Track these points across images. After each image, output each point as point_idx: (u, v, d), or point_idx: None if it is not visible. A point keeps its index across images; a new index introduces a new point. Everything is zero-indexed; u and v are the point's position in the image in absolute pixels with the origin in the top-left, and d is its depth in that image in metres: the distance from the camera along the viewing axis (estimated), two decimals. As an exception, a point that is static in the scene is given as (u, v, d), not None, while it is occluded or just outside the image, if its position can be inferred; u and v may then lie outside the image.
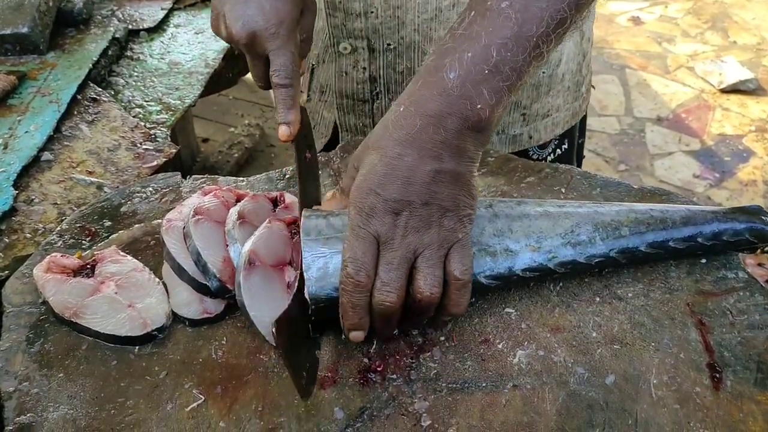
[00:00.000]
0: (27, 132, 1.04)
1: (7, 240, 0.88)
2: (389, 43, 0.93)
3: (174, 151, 1.07)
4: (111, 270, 0.73)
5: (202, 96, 1.25)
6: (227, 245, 0.71)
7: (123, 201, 0.87)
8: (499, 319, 0.70)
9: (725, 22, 3.63)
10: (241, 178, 0.89)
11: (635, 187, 0.84)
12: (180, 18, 1.45)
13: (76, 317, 0.68)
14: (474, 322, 0.70)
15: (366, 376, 0.65)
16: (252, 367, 0.66)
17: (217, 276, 0.69)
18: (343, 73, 0.97)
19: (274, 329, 0.60)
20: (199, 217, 0.72)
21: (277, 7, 0.75)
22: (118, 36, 1.31)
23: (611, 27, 3.62)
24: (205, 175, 0.90)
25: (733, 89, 3.08)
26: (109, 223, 0.83)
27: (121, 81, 1.25)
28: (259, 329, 0.66)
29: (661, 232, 0.73)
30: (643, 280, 0.74)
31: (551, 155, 1.07)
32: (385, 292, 0.61)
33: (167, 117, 1.15)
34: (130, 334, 0.68)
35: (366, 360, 0.67)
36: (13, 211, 0.92)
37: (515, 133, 1.02)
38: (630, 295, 0.72)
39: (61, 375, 0.66)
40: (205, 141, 2.72)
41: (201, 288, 0.70)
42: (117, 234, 0.81)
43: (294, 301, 0.64)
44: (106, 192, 0.96)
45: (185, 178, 0.90)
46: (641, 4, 3.83)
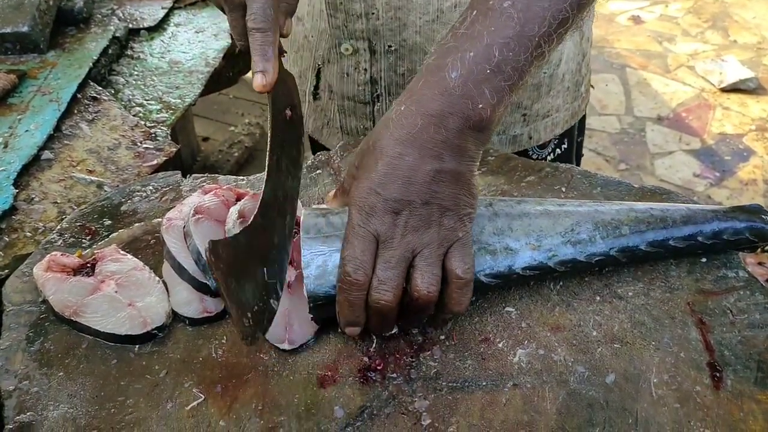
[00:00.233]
0: (27, 131, 1.04)
1: (7, 239, 0.88)
2: (390, 45, 0.92)
3: (174, 150, 1.07)
4: (111, 269, 0.73)
5: (202, 95, 1.25)
6: (227, 244, 0.71)
7: (123, 200, 0.87)
8: (500, 318, 0.70)
9: (725, 21, 3.63)
10: (242, 177, 0.89)
11: (636, 186, 0.84)
12: (180, 17, 1.45)
13: (76, 316, 0.68)
14: (474, 321, 0.70)
15: (366, 375, 0.65)
16: (252, 366, 0.66)
17: (218, 275, 0.69)
18: (345, 75, 0.97)
19: (209, 249, 0.53)
20: (200, 216, 0.72)
21: None
22: (118, 35, 1.31)
23: (611, 26, 3.62)
24: (206, 174, 0.90)
25: (734, 88, 3.07)
26: (109, 221, 0.83)
27: (122, 80, 1.25)
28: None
29: (661, 231, 0.73)
30: (644, 279, 0.74)
31: (551, 155, 1.07)
32: (381, 290, 0.61)
33: (167, 116, 1.15)
34: (130, 333, 0.68)
35: (366, 359, 0.67)
36: (13, 209, 0.92)
37: (515, 134, 1.02)
38: (630, 294, 0.72)
39: (61, 374, 0.66)
40: (206, 140, 2.72)
41: (201, 287, 0.70)
42: (117, 233, 0.81)
43: (243, 232, 0.60)
44: (106, 191, 0.96)
45: (185, 177, 0.90)
46: (641, 3, 3.83)
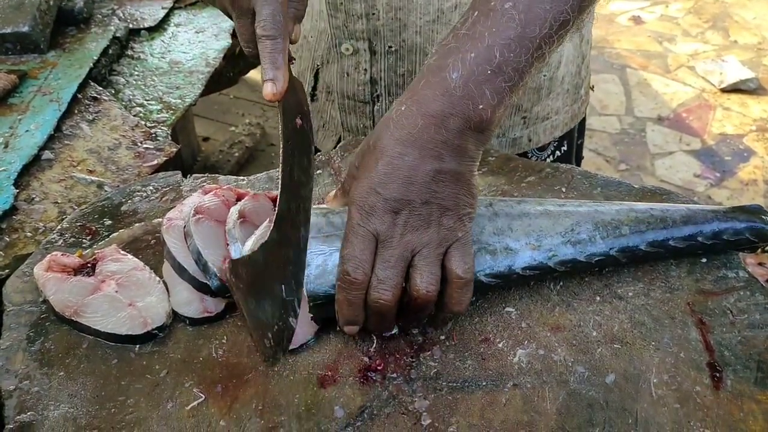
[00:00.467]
0: (27, 131, 1.04)
1: (7, 239, 0.88)
2: (391, 46, 0.92)
3: (174, 150, 1.07)
4: (111, 269, 0.73)
5: (202, 95, 1.25)
6: (228, 244, 0.71)
7: (123, 200, 0.87)
8: (500, 318, 0.70)
9: (726, 22, 3.62)
10: (242, 177, 0.89)
11: (636, 186, 0.84)
12: (181, 17, 1.45)
13: (76, 316, 0.68)
14: (474, 321, 0.70)
15: (366, 375, 0.65)
16: (252, 365, 0.66)
17: (218, 275, 0.69)
18: (345, 74, 0.97)
19: (230, 269, 0.52)
20: (200, 216, 0.72)
21: None
22: (118, 35, 1.31)
23: (612, 26, 3.62)
24: (206, 174, 0.90)
25: (734, 89, 3.07)
26: (110, 221, 0.83)
27: (122, 80, 1.25)
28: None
29: (661, 231, 0.73)
30: (644, 279, 0.74)
31: (550, 157, 1.07)
32: (380, 289, 0.62)
33: (168, 116, 1.15)
34: (130, 333, 0.68)
35: (366, 359, 0.67)
36: (13, 209, 0.91)
37: (515, 136, 1.01)
38: (630, 294, 0.72)
39: (62, 373, 0.66)
40: (206, 140, 2.72)
41: (201, 287, 0.70)
42: (117, 233, 0.81)
43: (260, 249, 0.58)
44: (106, 191, 0.96)
45: (186, 177, 0.90)
46: (642, 3, 3.83)
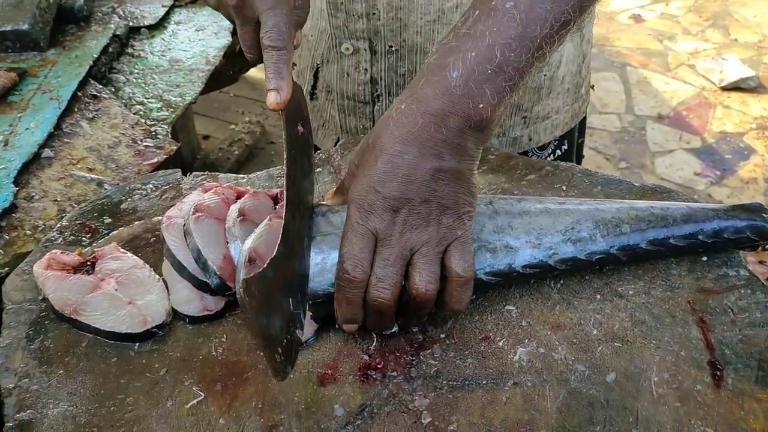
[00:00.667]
0: (27, 129, 1.04)
1: (7, 237, 0.88)
2: (391, 46, 0.92)
3: (174, 148, 1.06)
4: (111, 267, 0.73)
5: (202, 93, 1.25)
6: (228, 242, 0.71)
7: (123, 198, 0.86)
8: (500, 316, 0.70)
9: (726, 20, 3.62)
10: (242, 176, 0.89)
11: (636, 184, 0.84)
12: (181, 15, 1.45)
13: (76, 314, 0.68)
14: (474, 320, 0.70)
15: (366, 374, 0.65)
16: (252, 364, 0.66)
17: (218, 273, 0.69)
18: (345, 74, 0.97)
19: (242, 289, 0.52)
20: (200, 214, 0.72)
21: None
22: (118, 33, 1.31)
23: (612, 25, 3.62)
24: (206, 173, 0.90)
25: (734, 87, 3.07)
26: (109, 220, 0.83)
27: (122, 78, 1.25)
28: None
29: (661, 230, 0.73)
30: (644, 277, 0.74)
31: (551, 157, 1.07)
32: (379, 288, 0.61)
33: (168, 114, 1.15)
34: (130, 331, 0.68)
35: (366, 357, 0.66)
36: (13, 207, 0.91)
37: (515, 136, 1.01)
38: (631, 292, 0.72)
39: (61, 372, 0.66)
40: (206, 138, 2.72)
41: (201, 285, 0.70)
42: (117, 231, 0.81)
43: (270, 266, 0.57)
44: (106, 189, 0.96)
45: (186, 175, 0.90)
46: (642, 1, 3.82)
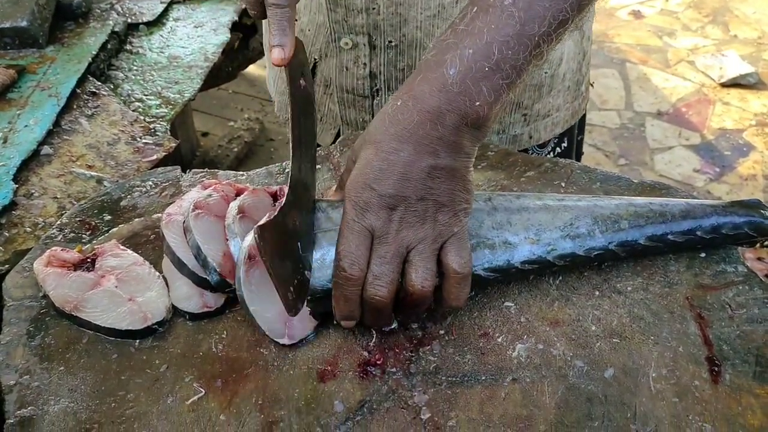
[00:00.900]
0: (26, 126, 1.04)
1: (7, 234, 0.88)
2: (391, 40, 0.92)
3: (174, 145, 1.06)
4: (111, 264, 0.73)
5: (201, 90, 1.25)
6: (227, 240, 0.71)
7: (123, 195, 0.87)
8: (499, 312, 0.70)
9: (726, 16, 3.62)
10: (241, 173, 0.89)
11: (635, 181, 0.84)
12: (179, 11, 1.45)
13: (76, 311, 0.68)
14: (473, 316, 0.70)
15: (366, 370, 0.65)
16: (252, 360, 0.66)
17: (217, 270, 0.69)
18: (344, 68, 0.97)
19: (257, 235, 0.57)
20: (199, 211, 0.72)
21: None
22: (117, 30, 1.31)
23: (612, 21, 3.62)
24: (205, 169, 0.90)
25: (734, 83, 3.07)
26: (109, 217, 0.83)
27: (121, 75, 1.25)
28: (259, 324, 0.67)
29: (660, 226, 0.73)
30: (643, 273, 0.74)
31: (550, 154, 1.07)
32: (376, 285, 0.62)
33: (167, 111, 1.15)
34: (130, 328, 0.68)
35: (366, 353, 0.67)
36: (13, 205, 0.91)
37: (515, 133, 1.01)
38: (629, 288, 0.72)
39: (62, 368, 0.66)
40: (205, 135, 2.72)
41: (201, 282, 0.70)
42: (117, 228, 0.81)
43: (280, 213, 0.62)
44: (105, 186, 0.96)
45: (185, 172, 0.90)
46: (642, -3, 3.82)
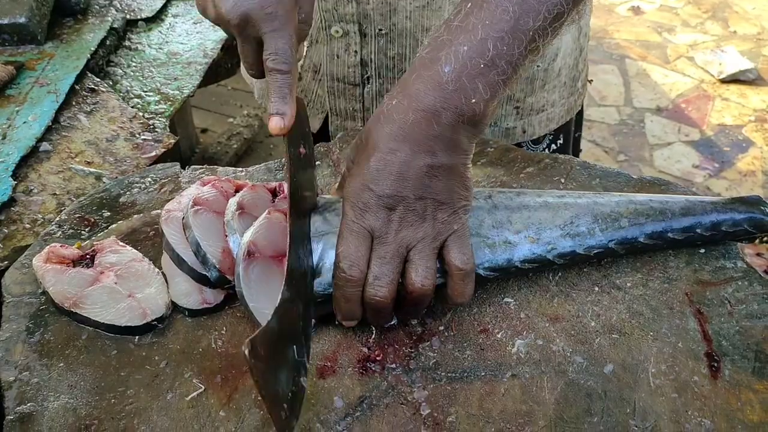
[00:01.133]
0: (25, 122, 1.04)
1: (6, 230, 0.88)
2: (381, 29, 0.92)
3: (173, 141, 1.06)
4: (110, 260, 0.73)
5: (200, 86, 1.25)
6: (226, 236, 0.71)
7: (122, 191, 0.86)
8: (498, 308, 0.70)
9: (725, 12, 3.62)
10: (240, 169, 0.89)
11: (634, 177, 0.84)
12: (178, 8, 1.44)
13: (75, 307, 0.68)
14: (473, 312, 0.70)
15: (365, 366, 0.65)
16: (252, 356, 0.66)
17: (217, 266, 0.69)
18: (335, 56, 0.96)
19: (247, 351, 0.49)
20: (198, 207, 0.72)
21: None
22: (116, 26, 1.31)
23: (611, 17, 3.61)
24: (204, 166, 0.90)
25: (733, 79, 3.07)
26: (108, 213, 0.83)
27: (120, 71, 1.24)
28: (258, 320, 0.66)
29: (660, 223, 0.73)
30: (642, 269, 0.74)
31: (545, 150, 1.07)
32: (376, 286, 0.62)
33: (166, 107, 1.15)
34: (129, 324, 0.68)
35: (365, 349, 0.67)
36: (11, 201, 0.91)
37: (508, 126, 1.01)
38: (629, 284, 0.72)
39: (62, 365, 0.66)
40: (204, 131, 2.72)
41: (200, 278, 0.70)
42: (116, 224, 0.81)
43: (275, 315, 0.56)
44: (104, 182, 0.96)
45: (184, 169, 0.90)
46: (641, -7, 3.81)
